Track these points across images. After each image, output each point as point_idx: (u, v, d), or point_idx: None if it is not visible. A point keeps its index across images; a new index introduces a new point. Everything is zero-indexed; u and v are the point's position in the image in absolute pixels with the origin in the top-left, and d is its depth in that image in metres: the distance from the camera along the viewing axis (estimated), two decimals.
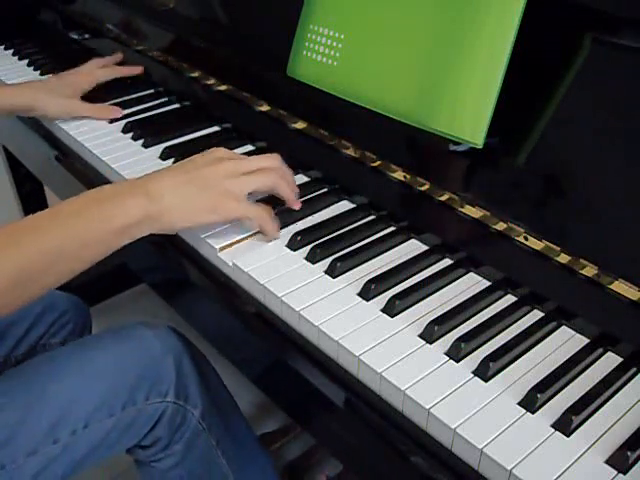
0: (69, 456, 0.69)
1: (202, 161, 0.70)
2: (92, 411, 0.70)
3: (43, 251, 0.61)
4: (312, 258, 0.69)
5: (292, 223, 0.75)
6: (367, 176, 0.77)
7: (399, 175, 0.74)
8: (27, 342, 0.94)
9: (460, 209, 0.68)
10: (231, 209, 0.68)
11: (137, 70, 1.08)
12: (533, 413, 0.53)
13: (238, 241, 0.71)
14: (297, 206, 0.75)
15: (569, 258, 0.60)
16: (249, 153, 0.89)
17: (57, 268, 0.62)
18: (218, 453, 0.80)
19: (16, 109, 0.97)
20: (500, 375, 0.56)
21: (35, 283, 0.62)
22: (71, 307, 1.00)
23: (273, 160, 0.73)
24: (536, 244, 0.62)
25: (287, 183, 0.73)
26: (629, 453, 0.49)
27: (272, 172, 0.72)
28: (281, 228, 0.73)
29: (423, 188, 0.72)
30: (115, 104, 1.03)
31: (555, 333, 0.61)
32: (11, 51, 1.27)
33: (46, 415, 0.68)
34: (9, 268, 0.59)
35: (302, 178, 0.83)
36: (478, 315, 0.63)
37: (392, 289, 0.65)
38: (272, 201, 0.75)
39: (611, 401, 0.54)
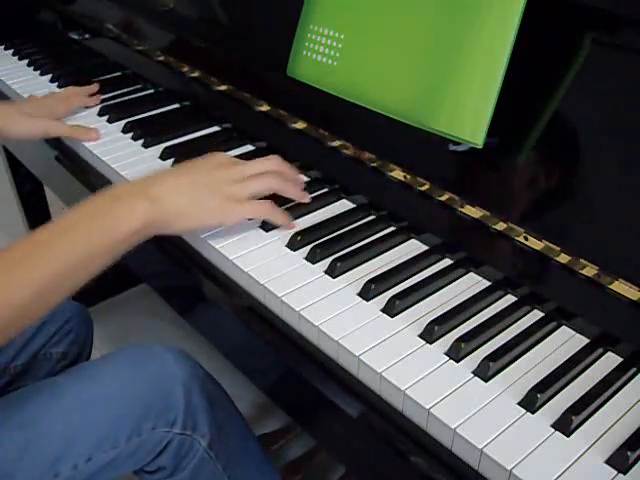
0: None
1: (204, 165, 0.70)
2: (95, 445, 0.67)
3: (48, 273, 0.59)
4: (312, 258, 0.69)
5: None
6: (367, 176, 0.77)
7: (399, 175, 0.74)
8: (28, 352, 0.92)
9: (460, 209, 0.68)
10: (235, 212, 0.69)
11: (95, 101, 1.04)
12: (533, 413, 0.53)
13: (237, 241, 0.71)
14: (306, 199, 0.76)
15: (569, 258, 0.60)
16: (249, 153, 0.89)
17: (64, 285, 0.61)
18: (225, 477, 0.78)
19: None
20: (500, 375, 0.56)
21: (42, 303, 0.60)
22: (74, 315, 0.98)
23: (272, 162, 0.74)
24: (536, 244, 0.62)
25: (287, 183, 0.74)
26: (629, 453, 0.49)
27: (271, 175, 0.72)
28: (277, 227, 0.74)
29: (423, 188, 0.72)
30: (115, 104, 1.03)
31: (555, 333, 0.61)
32: (11, 51, 1.27)
33: (48, 450, 0.65)
34: (17, 293, 0.57)
35: (302, 178, 0.83)
36: (478, 315, 0.63)
37: (392, 289, 0.65)
38: (276, 198, 0.75)
39: (611, 401, 0.54)
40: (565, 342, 0.60)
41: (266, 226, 0.73)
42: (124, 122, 0.97)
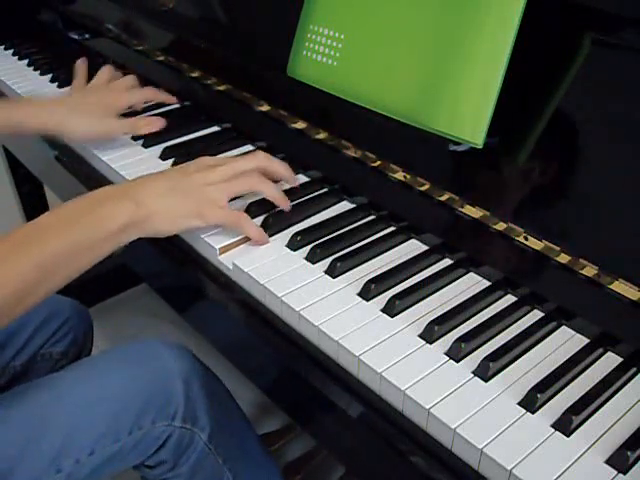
0: None
1: (185, 169, 0.72)
2: (97, 439, 0.68)
3: (32, 267, 0.60)
4: (312, 258, 0.69)
5: (294, 224, 0.75)
6: (367, 176, 0.77)
7: (399, 175, 0.74)
8: (28, 351, 0.93)
9: (460, 209, 0.68)
10: (211, 215, 0.69)
11: (171, 100, 1.01)
12: (533, 413, 0.53)
13: (238, 242, 0.71)
14: (287, 206, 0.74)
15: (569, 258, 0.60)
16: (248, 153, 0.89)
17: (48, 281, 0.62)
18: (225, 470, 0.79)
19: (37, 131, 0.88)
20: (500, 375, 0.56)
21: (28, 297, 0.61)
22: (73, 314, 0.99)
23: (257, 159, 0.74)
24: (536, 244, 0.62)
25: (269, 184, 0.73)
26: (629, 453, 0.49)
27: (253, 175, 0.72)
28: (282, 229, 0.74)
29: (423, 188, 0.72)
30: None
31: (555, 333, 0.61)
32: (11, 51, 1.27)
33: (49, 446, 0.66)
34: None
35: (302, 178, 0.83)
36: (478, 315, 0.63)
37: (392, 289, 0.65)
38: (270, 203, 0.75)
39: (611, 401, 0.54)
40: (565, 342, 0.60)
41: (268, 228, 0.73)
42: None
